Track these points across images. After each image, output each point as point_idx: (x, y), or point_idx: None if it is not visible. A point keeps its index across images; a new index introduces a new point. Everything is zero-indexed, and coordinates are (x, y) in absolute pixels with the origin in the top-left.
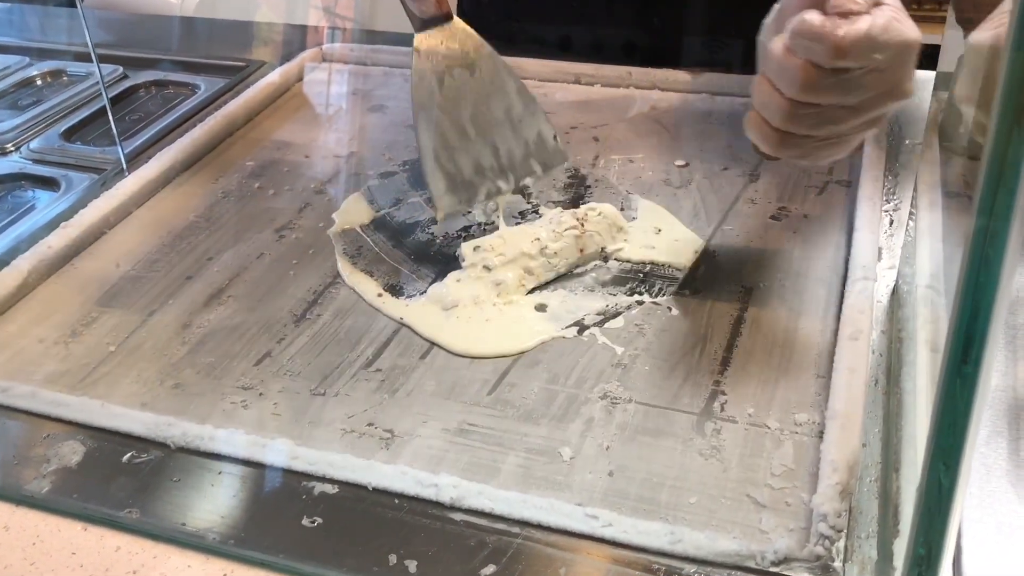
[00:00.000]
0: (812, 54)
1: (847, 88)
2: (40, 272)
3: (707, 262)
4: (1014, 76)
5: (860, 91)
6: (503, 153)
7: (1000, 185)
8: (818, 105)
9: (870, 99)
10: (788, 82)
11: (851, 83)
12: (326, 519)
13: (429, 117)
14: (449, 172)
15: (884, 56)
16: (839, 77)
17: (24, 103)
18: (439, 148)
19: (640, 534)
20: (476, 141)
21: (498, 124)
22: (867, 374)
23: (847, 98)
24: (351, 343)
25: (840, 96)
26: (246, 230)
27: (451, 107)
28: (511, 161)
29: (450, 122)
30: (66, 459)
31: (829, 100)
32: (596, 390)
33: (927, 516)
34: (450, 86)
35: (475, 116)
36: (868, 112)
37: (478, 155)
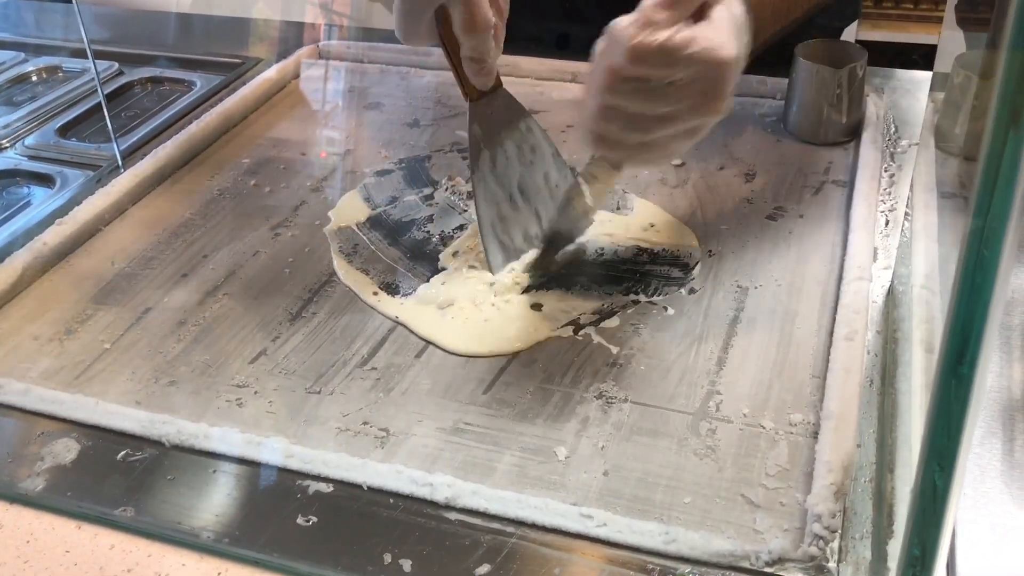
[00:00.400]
0: (612, 59)
1: (647, 97)
2: (35, 269)
3: (703, 262)
4: (1010, 76)
5: (664, 102)
6: (544, 219)
7: (996, 185)
8: (623, 110)
9: (677, 111)
10: (593, 83)
11: (652, 93)
12: (321, 518)
13: (488, 190)
14: (503, 242)
15: (686, 71)
16: (636, 84)
17: (19, 99)
18: (496, 220)
19: (635, 534)
20: (523, 209)
21: (539, 191)
22: (862, 374)
23: (650, 107)
24: (346, 341)
25: (642, 104)
26: (241, 228)
27: (504, 178)
28: (554, 232)
29: (503, 193)
30: (60, 457)
31: (631, 107)
32: (591, 390)
33: (921, 517)
34: (501, 158)
35: (522, 184)
36: (677, 124)
37: (526, 224)
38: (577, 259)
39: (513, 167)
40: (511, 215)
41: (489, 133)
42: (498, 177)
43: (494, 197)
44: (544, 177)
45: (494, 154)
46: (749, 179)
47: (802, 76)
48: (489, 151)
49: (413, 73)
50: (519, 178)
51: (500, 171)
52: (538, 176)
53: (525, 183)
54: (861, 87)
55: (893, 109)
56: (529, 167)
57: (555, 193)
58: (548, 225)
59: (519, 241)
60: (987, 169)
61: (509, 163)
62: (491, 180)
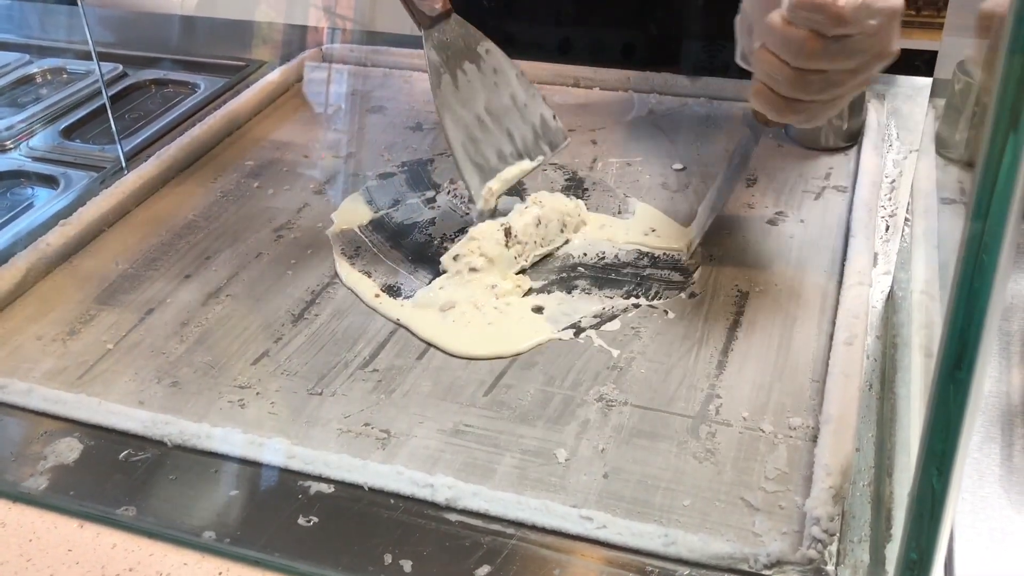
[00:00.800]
0: (814, 24)
1: (846, 52)
2: (39, 270)
3: (704, 266)
4: (1010, 80)
5: (857, 55)
6: (517, 138)
7: (995, 189)
8: (822, 71)
9: (865, 61)
10: (794, 52)
11: (849, 48)
12: (322, 518)
13: (454, 113)
14: (479, 163)
15: (877, 21)
16: (840, 43)
17: (24, 100)
18: (467, 142)
19: (634, 536)
20: (494, 130)
21: (508, 111)
22: (861, 379)
23: (847, 62)
24: (348, 343)
25: (841, 61)
26: (245, 229)
27: (469, 101)
28: (525, 145)
29: (470, 115)
30: (63, 456)
31: (832, 65)
32: (592, 392)
33: (919, 521)
34: (463, 81)
35: (488, 106)
36: (863, 73)
37: (498, 143)
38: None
39: (476, 89)
40: (481, 136)
41: (447, 58)
42: (462, 100)
43: (461, 120)
44: (511, 98)
45: (455, 78)
46: (750, 184)
47: None
48: (450, 75)
49: (416, 76)
50: (485, 100)
51: (464, 94)
52: (504, 97)
53: (492, 104)
54: (862, 93)
55: (894, 115)
56: (494, 88)
57: (524, 112)
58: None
59: (494, 161)
60: (985, 173)
61: (472, 86)
62: (455, 104)
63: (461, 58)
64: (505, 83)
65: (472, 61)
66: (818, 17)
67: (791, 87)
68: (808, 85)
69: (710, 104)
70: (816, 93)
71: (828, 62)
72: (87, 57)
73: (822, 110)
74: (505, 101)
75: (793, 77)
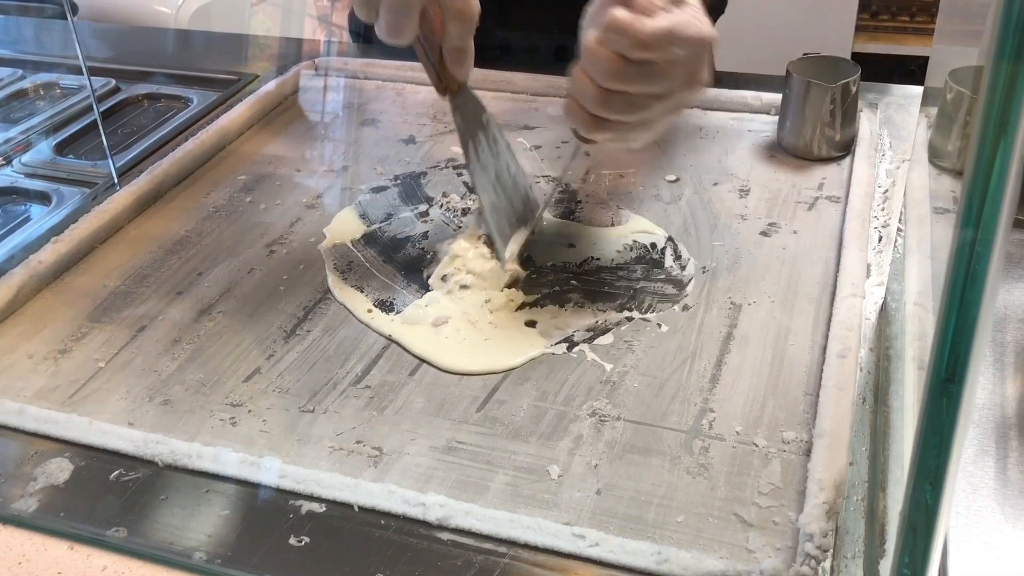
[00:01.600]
0: (619, 47)
1: (650, 77)
2: (30, 287)
3: (696, 278)
4: (997, 88)
5: (663, 81)
6: (516, 208)
7: (985, 198)
8: (626, 92)
9: (671, 88)
10: (599, 71)
11: (654, 73)
12: (313, 538)
13: (481, 179)
14: (500, 229)
15: (683, 50)
16: (643, 67)
17: (16, 116)
18: (492, 207)
19: (627, 554)
20: (503, 198)
21: (507, 181)
22: (855, 392)
23: (651, 87)
24: (340, 359)
25: (645, 85)
26: (237, 245)
27: (487, 167)
28: (520, 214)
29: (489, 182)
30: (54, 477)
31: (635, 88)
32: (585, 407)
33: (912, 536)
34: (481, 147)
35: (497, 176)
36: (671, 99)
37: (508, 212)
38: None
39: (487, 158)
40: (498, 203)
41: (468, 125)
42: (483, 167)
43: (485, 185)
44: (507, 168)
45: (476, 145)
46: (743, 195)
47: (795, 92)
48: (472, 142)
49: (409, 89)
50: (495, 170)
51: (483, 161)
52: (503, 166)
53: (500, 175)
54: (854, 103)
55: (887, 124)
56: (497, 158)
57: (516, 182)
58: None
59: (506, 228)
60: (975, 181)
61: (484, 154)
62: (479, 171)
63: (475, 127)
64: (503, 153)
65: (481, 130)
66: (622, 40)
67: (595, 105)
68: (611, 105)
69: (703, 115)
70: (619, 113)
71: (630, 84)
72: (80, 72)
73: (630, 131)
74: (503, 171)
75: (598, 96)
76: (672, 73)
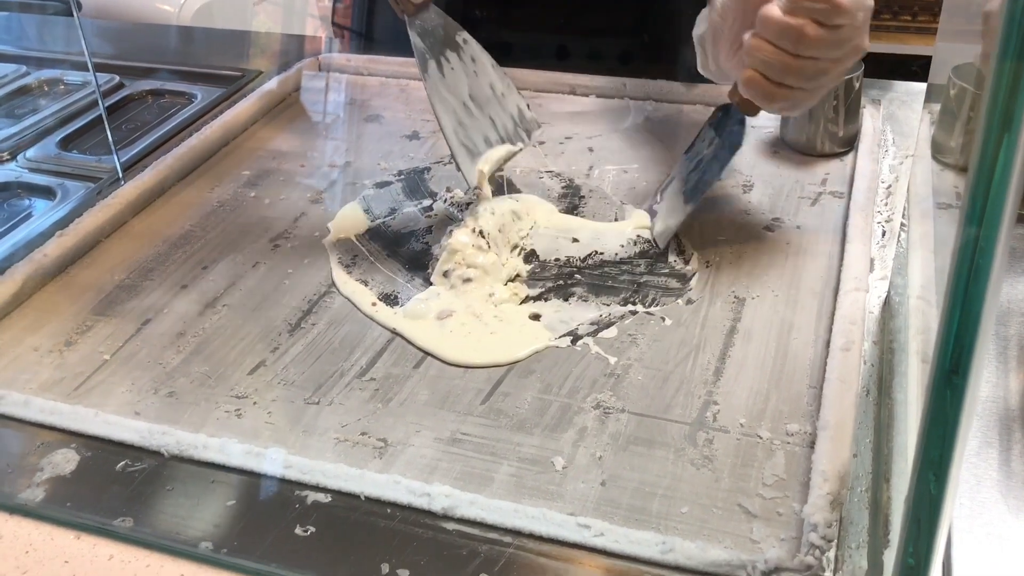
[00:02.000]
0: (815, 13)
1: (838, 42)
2: (36, 280)
3: (700, 273)
4: (1002, 85)
5: (844, 44)
6: (499, 125)
7: (989, 193)
8: (815, 59)
9: (846, 53)
10: (793, 39)
11: (841, 37)
12: (319, 528)
13: (443, 98)
14: (467, 146)
15: (863, 15)
16: (834, 32)
17: (21, 112)
18: (456, 126)
19: (632, 543)
20: (478, 116)
21: (489, 99)
22: (858, 385)
23: (835, 51)
24: (345, 352)
25: (831, 49)
26: (241, 239)
27: (454, 87)
28: (506, 131)
29: (457, 101)
30: (60, 468)
31: (824, 53)
32: (589, 400)
33: (916, 527)
34: (447, 68)
35: (472, 93)
36: (843, 63)
37: (484, 128)
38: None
39: (460, 77)
40: (468, 121)
41: (431, 45)
42: (448, 86)
43: (450, 105)
44: (491, 87)
45: (440, 64)
46: (746, 190)
47: None
48: (435, 61)
49: (412, 86)
50: (468, 87)
51: (449, 80)
52: (484, 85)
53: (474, 92)
54: (857, 99)
55: (890, 120)
56: (474, 77)
57: (503, 102)
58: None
59: (481, 146)
60: (979, 177)
61: (455, 73)
62: (443, 89)
63: (443, 46)
64: (484, 72)
65: (453, 50)
66: (821, 6)
67: (785, 73)
68: (801, 71)
69: (706, 110)
70: (806, 80)
71: (822, 50)
72: (84, 68)
73: (806, 97)
74: (486, 90)
75: (789, 63)
76: (847, 36)
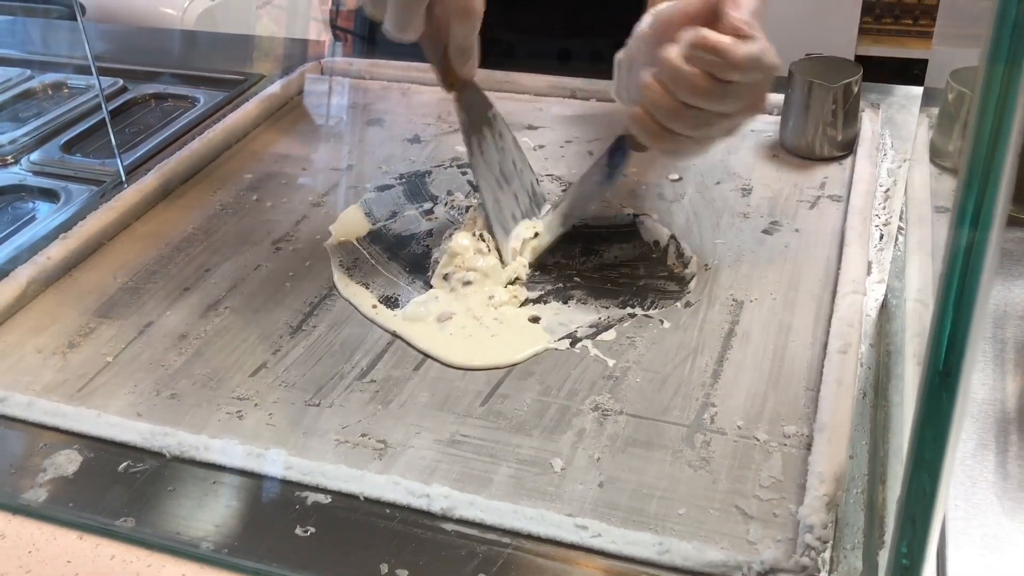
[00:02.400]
0: (709, 65)
1: (729, 98)
2: (39, 283)
3: (699, 275)
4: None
5: (735, 101)
6: (521, 202)
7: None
8: (702, 110)
9: (738, 109)
10: (683, 87)
11: (733, 94)
12: (319, 528)
13: (483, 174)
14: (502, 224)
15: (762, 75)
16: (725, 87)
17: (25, 115)
18: (495, 203)
19: (629, 544)
20: (508, 192)
21: (512, 175)
22: (855, 387)
23: (725, 106)
24: (346, 354)
25: (720, 104)
26: (243, 242)
27: (491, 164)
28: (525, 208)
29: (492, 177)
30: (62, 468)
31: (712, 106)
32: (588, 402)
33: (910, 526)
34: (486, 145)
35: (502, 169)
36: (734, 119)
37: (512, 207)
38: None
39: (492, 153)
40: (502, 198)
41: (473, 121)
42: (487, 162)
43: (488, 181)
44: (512, 163)
45: (481, 141)
46: (745, 194)
47: (798, 92)
48: (476, 138)
49: (414, 90)
50: (499, 163)
51: (487, 156)
52: (509, 162)
53: (503, 168)
54: (856, 103)
55: (889, 124)
56: (502, 153)
57: (521, 177)
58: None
59: (510, 223)
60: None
61: (489, 149)
62: (482, 165)
63: (479, 122)
64: (509, 148)
65: (487, 126)
66: (716, 60)
67: (671, 118)
68: (686, 120)
69: None
70: (691, 129)
71: (711, 103)
72: (88, 72)
73: (692, 145)
74: (510, 166)
75: (677, 109)
76: (743, 94)
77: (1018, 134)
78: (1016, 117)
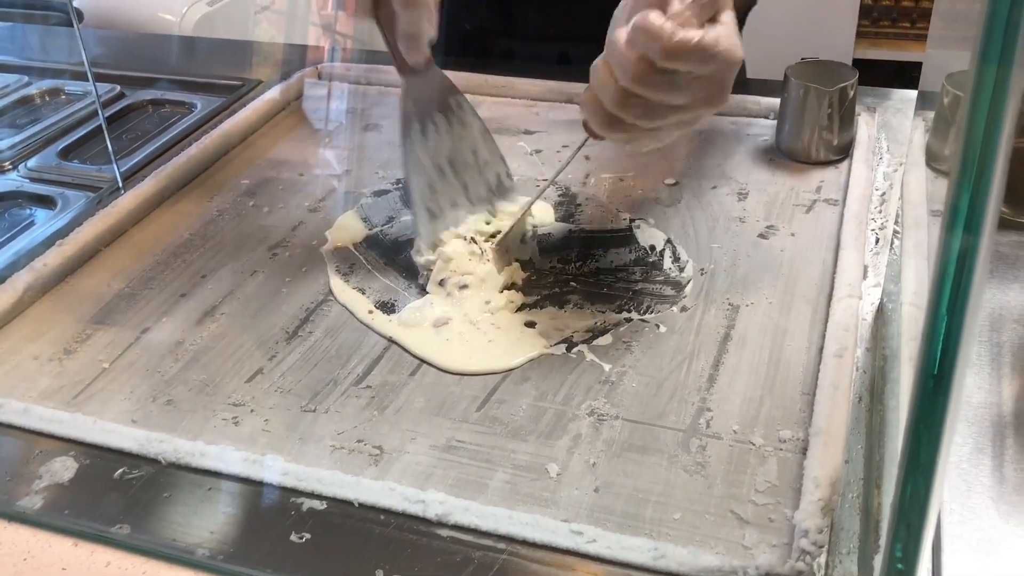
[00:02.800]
0: (647, 50)
1: (672, 88)
2: (35, 289)
3: (695, 280)
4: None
5: (684, 93)
6: (472, 193)
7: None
8: (646, 98)
9: (691, 102)
10: (623, 71)
11: (677, 84)
12: (314, 535)
13: (417, 161)
14: (431, 209)
15: (709, 66)
16: (667, 76)
17: (22, 121)
18: (424, 188)
19: (624, 550)
20: (451, 181)
21: (467, 165)
22: (851, 391)
23: (672, 97)
24: (342, 360)
25: (666, 94)
26: (240, 248)
27: (434, 151)
28: (477, 198)
29: (432, 164)
30: (58, 475)
31: (656, 96)
32: (583, 407)
33: (904, 529)
34: (431, 130)
35: (451, 157)
36: (688, 113)
37: (453, 195)
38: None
39: (443, 140)
40: (439, 185)
41: (420, 107)
42: (427, 149)
43: (422, 167)
44: (472, 153)
45: (424, 126)
46: (741, 198)
47: (793, 96)
48: (419, 123)
49: None
50: (448, 151)
51: (430, 143)
52: (466, 151)
53: (454, 156)
54: (852, 107)
55: (885, 128)
56: (459, 141)
57: (483, 169)
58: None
59: (447, 210)
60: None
61: (439, 136)
62: (420, 151)
63: (434, 108)
64: (469, 137)
65: (443, 112)
66: (651, 44)
67: (614, 104)
68: (629, 108)
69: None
70: (636, 118)
71: (651, 91)
72: (85, 78)
73: (644, 137)
74: (467, 155)
75: (617, 95)
76: (695, 87)
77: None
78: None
